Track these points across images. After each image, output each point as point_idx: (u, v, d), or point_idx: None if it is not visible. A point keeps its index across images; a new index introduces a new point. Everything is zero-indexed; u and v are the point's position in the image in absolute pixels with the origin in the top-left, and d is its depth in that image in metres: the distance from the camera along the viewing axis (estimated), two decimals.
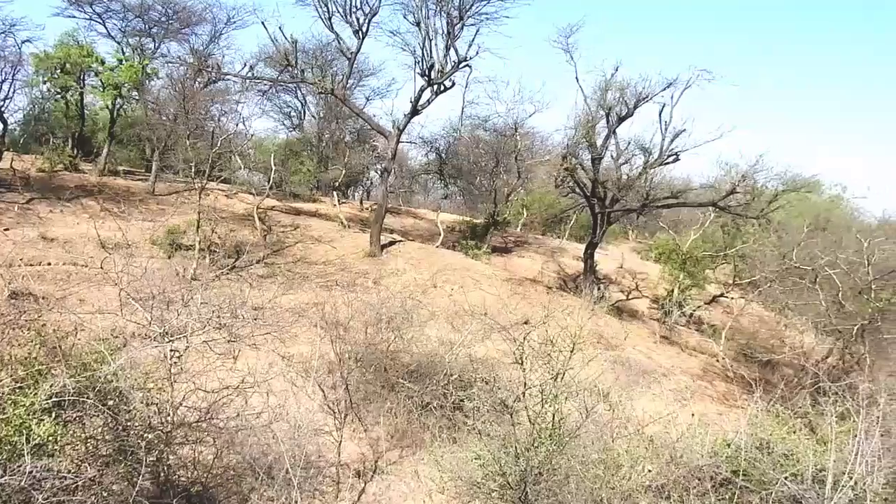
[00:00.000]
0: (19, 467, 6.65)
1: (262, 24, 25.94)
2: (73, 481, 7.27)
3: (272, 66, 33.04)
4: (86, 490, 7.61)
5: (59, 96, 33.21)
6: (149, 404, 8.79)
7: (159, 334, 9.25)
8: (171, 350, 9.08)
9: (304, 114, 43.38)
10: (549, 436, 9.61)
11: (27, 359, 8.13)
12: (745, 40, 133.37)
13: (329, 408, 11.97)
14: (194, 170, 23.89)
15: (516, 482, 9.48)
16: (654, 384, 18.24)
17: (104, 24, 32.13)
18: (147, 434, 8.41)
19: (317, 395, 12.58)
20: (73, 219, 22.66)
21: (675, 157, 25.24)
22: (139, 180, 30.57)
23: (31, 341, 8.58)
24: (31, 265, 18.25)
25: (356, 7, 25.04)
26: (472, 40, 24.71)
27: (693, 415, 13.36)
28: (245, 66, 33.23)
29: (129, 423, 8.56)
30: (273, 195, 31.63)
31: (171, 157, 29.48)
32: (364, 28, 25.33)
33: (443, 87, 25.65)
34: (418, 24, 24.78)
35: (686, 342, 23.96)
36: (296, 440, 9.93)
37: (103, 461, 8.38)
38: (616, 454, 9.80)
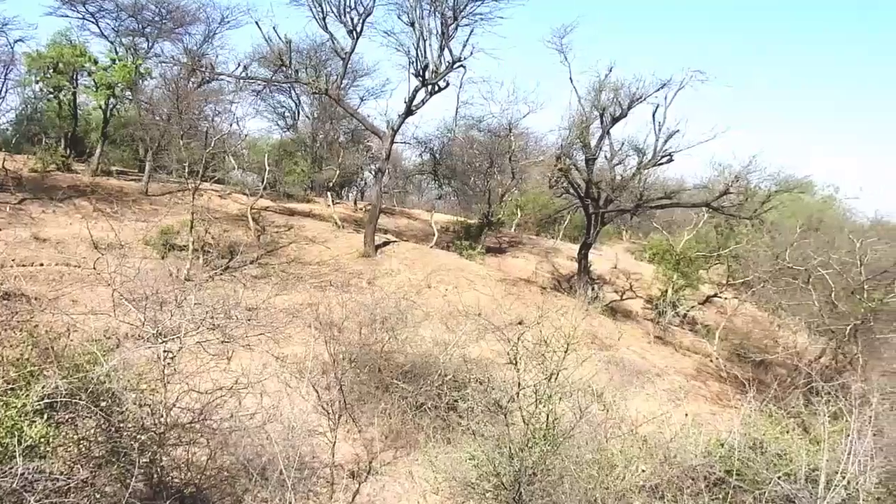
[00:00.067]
0: (11, 469, 6.62)
1: (256, 23, 26.03)
2: (66, 483, 7.25)
3: (266, 66, 32.92)
4: (78, 492, 7.59)
5: (51, 96, 33.15)
6: (142, 405, 8.77)
7: (152, 335, 9.21)
8: (164, 351, 9.06)
9: (298, 114, 43.30)
10: (544, 436, 9.63)
11: (19, 360, 8.10)
12: (739, 41, 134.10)
13: (323, 408, 11.97)
14: (188, 170, 23.81)
15: (510, 482, 9.48)
16: (647, 384, 18.31)
17: (97, 24, 32.00)
18: (140, 435, 8.40)
19: (311, 396, 12.56)
20: (65, 219, 22.56)
21: (668, 157, 25.37)
22: (132, 180, 30.45)
23: (24, 342, 8.53)
24: (23, 266, 18.15)
25: (350, 7, 25.01)
26: (467, 41, 24.81)
27: (687, 415, 13.37)
28: (239, 66, 33.04)
29: (122, 425, 8.53)
30: (267, 195, 31.61)
31: (165, 158, 29.33)
32: (358, 28, 25.30)
33: (437, 88, 25.67)
34: (412, 24, 24.76)
35: (680, 342, 24.05)
36: (290, 441, 9.90)
37: (96, 463, 8.36)
38: (610, 454, 9.81)
